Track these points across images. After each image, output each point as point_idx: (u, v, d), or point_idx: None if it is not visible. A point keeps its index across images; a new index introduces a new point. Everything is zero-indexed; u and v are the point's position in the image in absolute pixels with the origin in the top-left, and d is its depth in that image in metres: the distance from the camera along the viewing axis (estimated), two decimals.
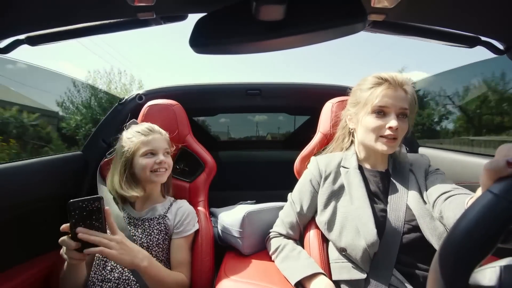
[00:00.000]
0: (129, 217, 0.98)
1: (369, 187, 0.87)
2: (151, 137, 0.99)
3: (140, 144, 0.97)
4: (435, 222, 0.76)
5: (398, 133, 0.82)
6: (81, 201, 0.70)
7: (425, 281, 0.72)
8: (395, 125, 0.80)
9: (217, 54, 0.60)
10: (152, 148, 0.98)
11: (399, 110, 0.82)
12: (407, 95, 0.84)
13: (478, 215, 0.32)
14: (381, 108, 0.83)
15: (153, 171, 0.97)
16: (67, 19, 0.65)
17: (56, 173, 1.16)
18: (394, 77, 0.83)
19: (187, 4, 0.61)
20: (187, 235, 0.99)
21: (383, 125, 0.82)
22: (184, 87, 1.53)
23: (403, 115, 0.83)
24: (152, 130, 1.01)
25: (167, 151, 1.01)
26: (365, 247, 0.77)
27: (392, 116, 0.81)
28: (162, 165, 0.97)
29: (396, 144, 0.84)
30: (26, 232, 1.06)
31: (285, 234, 0.98)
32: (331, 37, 0.57)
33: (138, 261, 0.79)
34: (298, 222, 0.96)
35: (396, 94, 0.82)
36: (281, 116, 2.40)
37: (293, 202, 0.97)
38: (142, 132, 0.99)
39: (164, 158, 0.98)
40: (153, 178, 0.97)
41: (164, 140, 1.02)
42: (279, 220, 1.02)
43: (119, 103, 1.43)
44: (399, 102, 0.82)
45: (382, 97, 0.82)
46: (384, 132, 0.82)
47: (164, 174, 0.99)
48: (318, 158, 0.99)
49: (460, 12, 0.62)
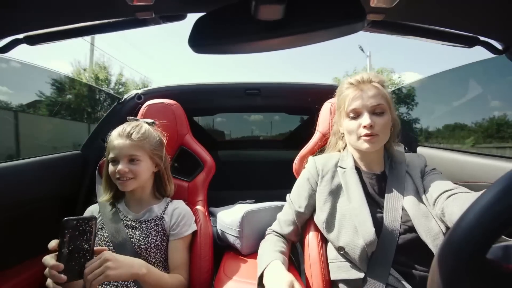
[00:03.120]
0: (126, 219, 0.97)
1: (366, 189, 0.88)
2: (116, 143, 0.92)
3: (109, 148, 0.95)
4: (430, 223, 0.76)
5: (376, 129, 0.83)
6: (75, 220, 0.68)
7: (422, 281, 0.73)
8: (367, 122, 0.82)
9: (216, 54, 0.60)
10: (114, 156, 0.92)
11: (370, 107, 0.84)
12: (378, 90, 0.85)
13: (478, 214, 0.32)
14: (352, 111, 0.86)
15: (117, 179, 0.92)
16: (66, 18, 0.65)
17: (54, 172, 1.16)
18: (359, 79, 0.88)
19: (186, 4, 0.61)
20: (183, 236, 0.98)
21: (358, 126, 0.85)
22: (183, 86, 1.53)
23: (380, 111, 0.85)
24: (121, 134, 0.93)
25: (132, 158, 0.92)
26: (363, 246, 0.77)
27: (365, 115, 0.84)
28: (122, 174, 0.90)
29: (378, 140, 0.85)
30: (25, 231, 1.06)
31: (281, 232, 0.98)
32: (330, 36, 0.57)
33: (136, 270, 0.78)
34: (296, 221, 0.96)
35: (364, 94, 0.85)
36: (280, 115, 2.40)
37: (292, 202, 0.98)
38: (113, 136, 0.95)
39: (123, 167, 0.90)
40: (118, 186, 0.93)
41: (131, 146, 0.92)
42: (277, 220, 1.02)
43: (118, 103, 1.43)
44: (368, 100, 0.84)
45: (351, 100, 0.86)
46: (361, 132, 0.84)
47: (127, 184, 0.91)
48: (316, 158, 0.99)
49: (459, 12, 0.62)
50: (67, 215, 0.70)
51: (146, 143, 0.96)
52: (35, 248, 1.08)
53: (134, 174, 0.92)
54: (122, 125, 0.98)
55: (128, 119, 1.03)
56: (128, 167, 0.91)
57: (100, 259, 0.71)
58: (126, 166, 0.91)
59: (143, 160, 0.95)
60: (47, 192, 1.12)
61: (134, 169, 0.92)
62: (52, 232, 0.75)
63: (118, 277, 0.74)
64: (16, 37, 0.68)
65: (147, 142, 0.96)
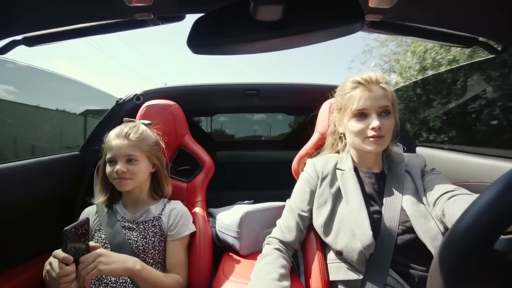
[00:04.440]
0: (124, 220, 0.96)
1: (365, 189, 0.87)
2: (114, 143, 0.92)
3: (106, 148, 0.95)
4: (429, 223, 0.76)
5: (383, 131, 0.83)
6: (73, 227, 0.70)
7: (420, 281, 0.73)
8: (377, 125, 0.81)
9: (214, 55, 0.60)
10: (112, 156, 0.92)
11: (378, 109, 0.83)
12: (385, 91, 0.84)
13: (477, 215, 0.32)
14: (360, 111, 0.85)
15: (115, 179, 0.92)
16: (64, 19, 0.65)
17: (53, 173, 1.16)
18: (367, 78, 0.85)
19: (185, 4, 0.61)
20: (181, 237, 0.97)
21: (366, 127, 0.84)
22: (182, 87, 1.52)
23: (386, 112, 0.84)
24: (119, 134, 0.94)
25: (130, 158, 0.93)
26: (361, 249, 0.77)
27: (373, 117, 0.83)
28: (120, 174, 0.90)
29: (384, 142, 0.84)
30: (24, 232, 1.05)
31: (283, 239, 0.91)
32: (328, 37, 0.57)
33: (130, 266, 0.78)
34: (301, 225, 0.91)
35: (372, 94, 0.83)
36: (279, 116, 2.40)
37: (293, 207, 0.94)
38: (111, 136, 0.95)
39: (121, 167, 0.90)
40: (116, 186, 0.94)
41: (129, 146, 0.92)
42: (277, 227, 0.96)
43: (116, 104, 1.43)
44: (377, 101, 0.83)
45: (359, 100, 0.84)
46: (369, 134, 0.83)
47: (125, 184, 0.92)
48: (314, 160, 0.99)
49: (457, 12, 0.62)
50: (66, 216, 0.71)
51: (144, 144, 0.96)
52: (34, 249, 1.07)
53: (132, 174, 0.92)
54: (119, 126, 0.99)
55: (125, 120, 1.04)
56: (126, 167, 0.91)
57: (93, 255, 0.73)
58: (124, 166, 0.91)
59: (141, 160, 0.95)
60: (46, 193, 1.12)
61: (132, 169, 0.92)
62: (51, 233, 0.75)
63: (111, 272, 0.75)
64: (14, 38, 0.68)
65: (144, 143, 0.96)
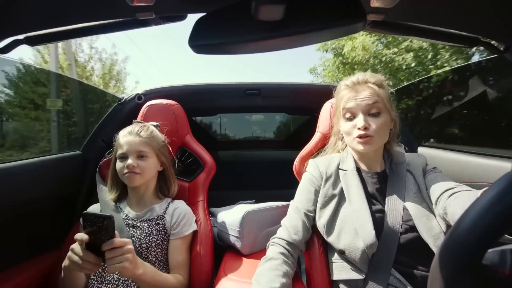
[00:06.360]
0: (128, 218, 0.98)
1: (367, 189, 0.87)
2: (125, 140, 0.97)
3: (117, 146, 0.99)
4: (432, 222, 0.76)
5: (370, 131, 0.82)
6: (93, 215, 0.69)
7: (423, 281, 0.72)
8: (362, 124, 0.82)
9: (216, 54, 0.60)
10: (123, 152, 0.96)
11: (365, 108, 0.83)
12: (373, 90, 0.84)
13: (479, 214, 0.32)
14: (347, 112, 0.86)
15: (125, 174, 0.95)
16: (66, 19, 0.65)
17: (55, 173, 1.16)
18: (355, 79, 0.87)
19: (187, 4, 0.61)
20: (183, 236, 0.98)
21: (353, 127, 0.85)
22: (184, 87, 1.53)
23: (375, 112, 0.84)
24: (130, 132, 0.99)
25: (141, 154, 0.97)
26: (364, 249, 0.77)
27: (360, 116, 0.84)
28: (130, 169, 0.94)
29: (373, 141, 0.83)
30: (25, 232, 1.06)
31: (289, 239, 0.89)
32: (330, 37, 0.58)
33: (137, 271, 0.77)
34: (307, 225, 0.90)
35: (358, 95, 0.84)
36: (280, 115, 2.40)
37: (299, 207, 0.92)
38: (121, 135, 1.00)
39: (132, 162, 0.94)
40: (125, 181, 0.97)
41: (140, 142, 0.97)
42: (283, 227, 0.93)
43: (118, 103, 1.43)
44: (363, 101, 0.83)
45: (346, 102, 0.86)
46: (355, 134, 0.84)
47: (134, 178, 0.95)
48: (317, 160, 0.99)
49: (459, 12, 0.62)
50: (67, 215, 0.71)
51: (154, 141, 1.01)
52: (35, 249, 1.08)
53: (142, 169, 0.96)
54: (130, 125, 1.03)
55: (134, 121, 1.08)
56: (136, 162, 0.95)
57: (126, 246, 0.72)
58: (135, 161, 0.95)
59: (151, 157, 0.99)
60: (48, 192, 1.12)
61: (142, 165, 0.96)
62: (52, 233, 0.75)
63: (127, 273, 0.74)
64: (16, 37, 0.68)
65: (154, 140, 1.01)
